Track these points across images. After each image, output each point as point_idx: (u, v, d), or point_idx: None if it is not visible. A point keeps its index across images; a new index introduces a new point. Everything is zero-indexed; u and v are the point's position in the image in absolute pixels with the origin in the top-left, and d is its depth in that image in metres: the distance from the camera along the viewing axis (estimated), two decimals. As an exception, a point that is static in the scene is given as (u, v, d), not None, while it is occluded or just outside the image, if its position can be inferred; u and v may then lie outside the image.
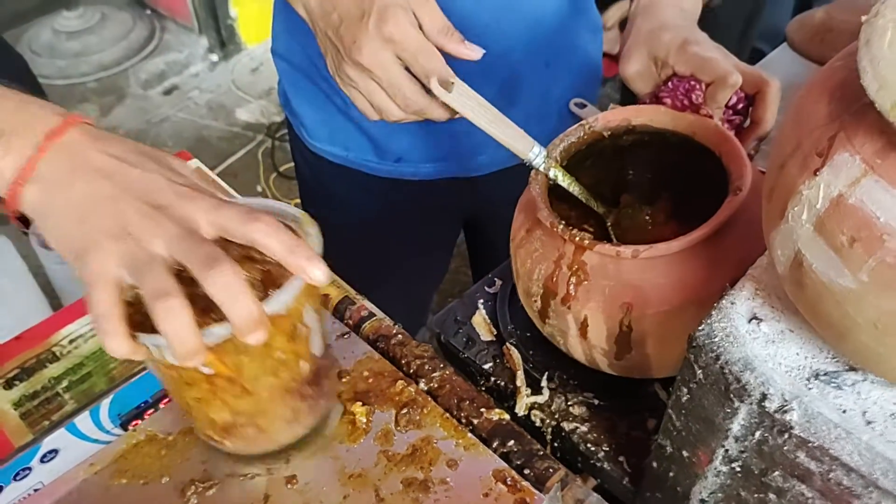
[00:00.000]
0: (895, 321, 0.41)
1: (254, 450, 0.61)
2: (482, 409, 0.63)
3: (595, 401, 0.77)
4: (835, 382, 0.48)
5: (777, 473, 0.51)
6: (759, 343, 0.50)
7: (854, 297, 0.42)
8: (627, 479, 0.71)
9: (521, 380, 0.79)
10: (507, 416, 0.63)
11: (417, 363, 0.67)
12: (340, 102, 1.01)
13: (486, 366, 0.82)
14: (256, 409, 0.57)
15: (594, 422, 0.75)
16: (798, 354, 0.50)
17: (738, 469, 0.55)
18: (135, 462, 0.60)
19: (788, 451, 0.49)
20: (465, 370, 0.84)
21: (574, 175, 0.75)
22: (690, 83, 0.77)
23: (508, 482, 0.57)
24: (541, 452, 0.61)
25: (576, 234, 0.66)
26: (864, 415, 0.46)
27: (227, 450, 0.60)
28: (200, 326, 0.48)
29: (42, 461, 0.65)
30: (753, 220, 0.57)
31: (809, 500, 0.50)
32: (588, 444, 0.74)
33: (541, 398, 0.77)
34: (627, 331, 0.66)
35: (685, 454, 0.59)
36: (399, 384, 0.64)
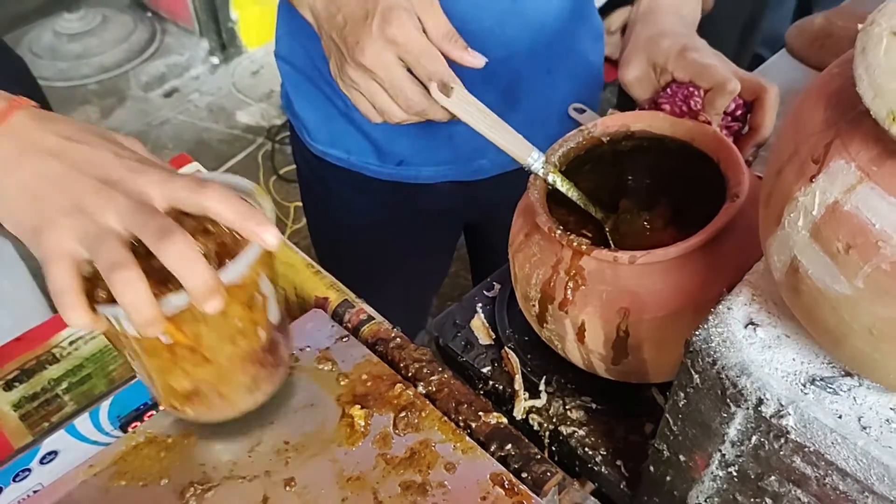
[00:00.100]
0: (890, 327, 0.41)
1: (216, 417, 0.62)
2: (480, 413, 0.64)
3: (593, 405, 0.77)
4: (831, 388, 0.48)
5: (773, 478, 0.52)
6: (756, 348, 0.51)
7: (849, 304, 0.42)
8: (625, 484, 0.71)
9: (520, 384, 0.79)
10: (505, 420, 0.64)
11: (416, 367, 0.67)
12: (342, 105, 1.01)
13: (485, 369, 0.82)
14: (217, 377, 0.58)
15: (592, 426, 0.75)
16: (794, 360, 0.50)
17: (735, 473, 0.55)
18: (134, 464, 0.61)
19: (784, 456, 0.49)
20: (464, 374, 0.84)
21: (573, 180, 0.75)
22: (689, 89, 0.78)
23: (506, 486, 0.57)
24: (538, 456, 0.61)
25: (574, 240, 0.66)
26: (860, 420, 0.46)
27: (190, 418, 0.62)
28: (157, 297, 0.49)
29: (41, 462, 0.66)
30: (751, 227, 0.58)
31: (805, 505, 0.50)
32: (585, 448, 0.74)
33: (539, 402, 0.78)
34: (624, 336, 0.66)
35: (682, 458, 0.59)
36: (397, 387, 0.64)
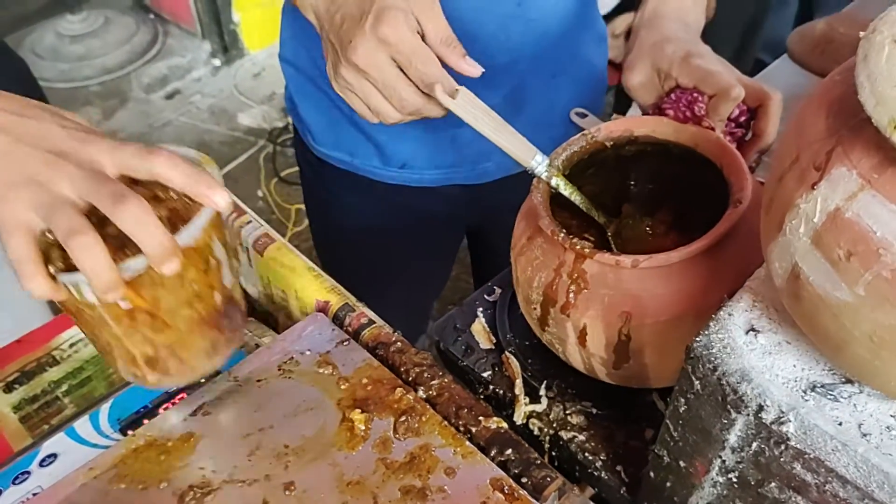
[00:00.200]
0: (891, 334, 0.41)
1: (176, 382, 0.64)
2: (480, 418, 0.63)
3: (593, 410, 0.77)
4: (831, 394, 0.48)
5: (773, 485, 0.51)
6: (757, 354, 0.51)
7: (850, 311, 0.42)
8: (625, 489, 0.71)
9: (520, 388, 0.79)
10: (506, 425, 0.63)
11: (416, 371, 0.67)
12: (347, 108, 1.01)
13: (485, 374, 0.82)
14: (176, 342, 0.60)
15: (592, 431, 0.75)
16: (795, 366, 0.50)
17: (735, 480, 0.55)
18: (134, 467, 0.60)
19: (785, 463, 0.49)
20: (464, 378, 0.84)
21: (576, 184, 0.75)
22: (693, 95, 0.78)
23: (506, 491, 0.57)
24: (538, 461, 0.61)
25: (576, 243, 0.66)
26: (860, 427, 0.46)
27: (150, 384, 0.63)
28: (115, 264, 0.51)
29: (41, 465, 0.65)
30: (753, 233, 0.58)
31: (805, 512, 0.50)
32: (586, 454, 0.74)
33: (539, 407, 0.78)
34: (626, 340, 0.66)
35: (682, 464, 0.59)
36: (398, 392, 0.64)
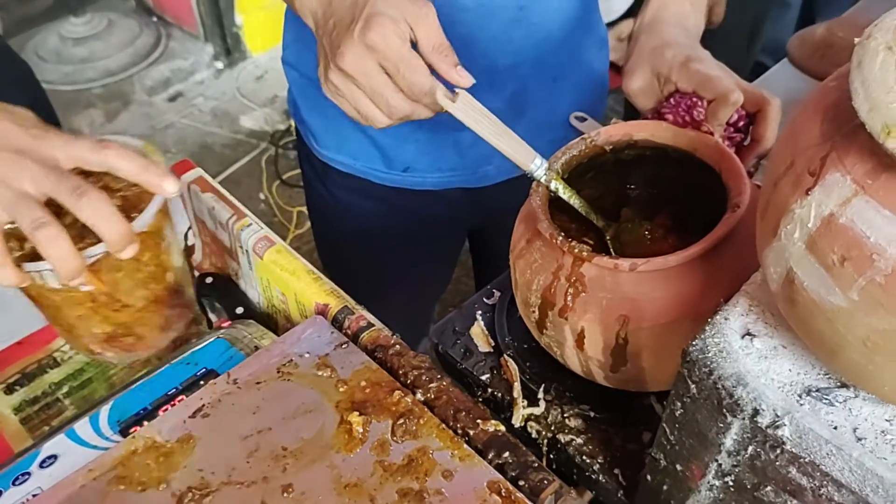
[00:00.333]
0: (885, 339, 0.41)
1: (134, 357, 0.70)
2: (478, 421, 0.64)
3: (591, 413, 0.77)
4: (826, 399, 0.48)
5: (769, 488, 0.52)
6: (752, 359, 0.51)
7: (844, 315, 0.42)
8: (622, 492, 0.71)
9: (518, 391, 0.79)
10: (504, 428, 0.64)
11: (415, 374, 0.67)
12: (350, 111, 1.01)
13: (484, 377, 0.82)
14: (134, 320, 0.66)
15: (590, 434, 0.76)
16: (790, 370, 0.50)
17: (731, 483, 0.55)
18: (133, 469, 0.61)
19: (780, 467, 0.49)
20: (463, 381, 0.84)
21: (575, 188, 0.75)
22: (692, 100, 0.78)
23: (503, 494, 0.57)
24: (536, 464, 0.61)
25: (575, 246, 0.67)
26: (855, 431, 0.47)
27: (110, 360, 0.69)
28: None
29: (41, 466, 0.66)
30: (751, 237, 0.58)
31: (801, 516, 0.50)
32: (583, 457, 0.74)
33: (537, 410, 0.78)
34: (623, 343, 0.66)
35: (679, 468, 0.59)
36: (396, 394, 0.64)
